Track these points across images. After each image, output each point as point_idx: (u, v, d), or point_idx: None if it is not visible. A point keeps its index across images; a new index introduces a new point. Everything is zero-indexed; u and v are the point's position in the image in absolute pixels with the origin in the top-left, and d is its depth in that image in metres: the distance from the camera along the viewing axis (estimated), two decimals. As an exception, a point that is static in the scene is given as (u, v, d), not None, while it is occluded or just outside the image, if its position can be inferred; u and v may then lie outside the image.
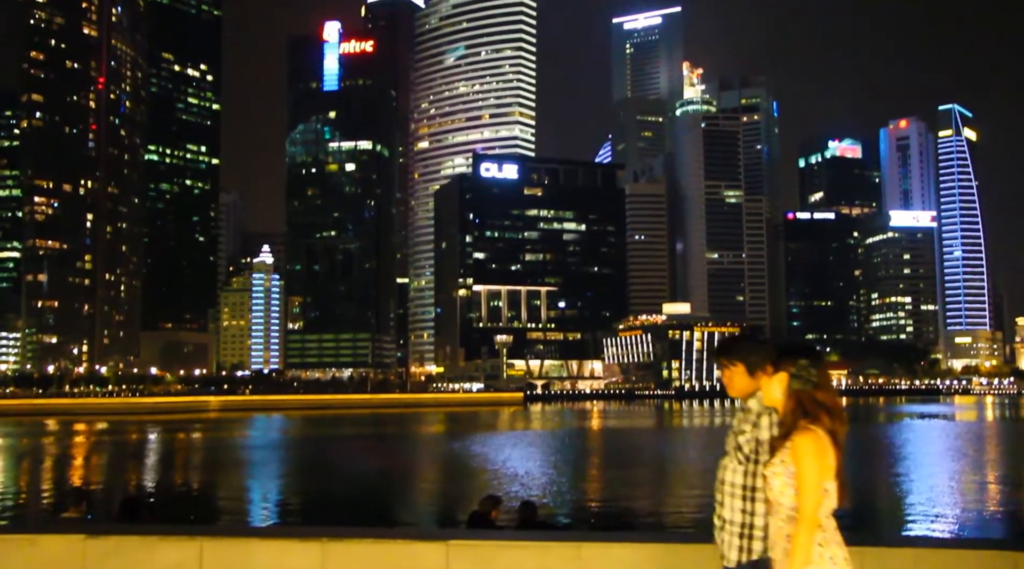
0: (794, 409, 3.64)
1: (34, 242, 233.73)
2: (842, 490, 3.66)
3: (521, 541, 7.88)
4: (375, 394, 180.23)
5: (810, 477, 3.48)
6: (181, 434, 74.51)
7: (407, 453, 53.75)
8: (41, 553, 8.17)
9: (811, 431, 3.56)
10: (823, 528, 3.54)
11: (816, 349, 3.99)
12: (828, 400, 3.65)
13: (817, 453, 3.51)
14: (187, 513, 26.60)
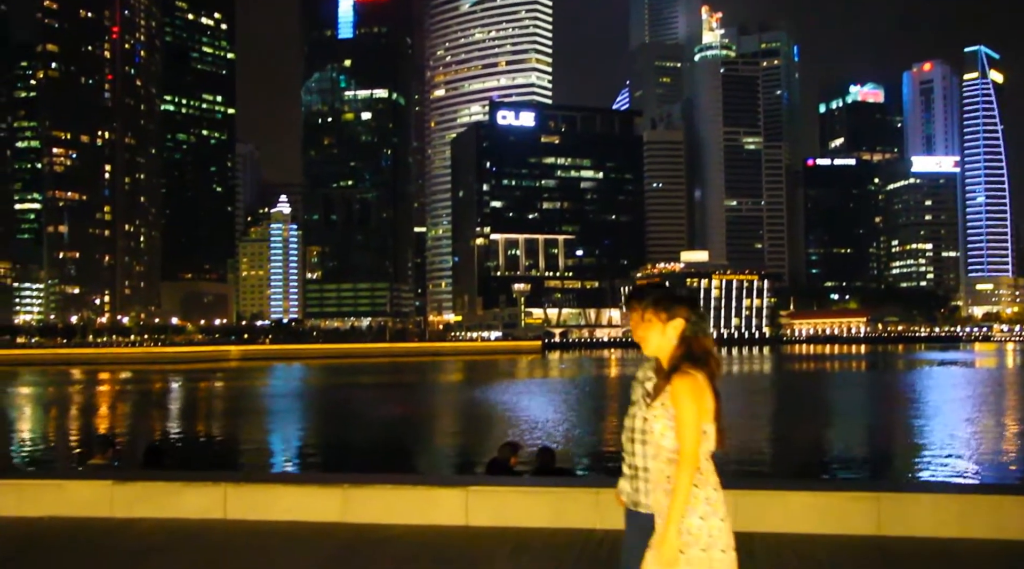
0: (683, 355, 3.72)
1: (54, 193, 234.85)
2: (720, 433, 3.72)
3: (539, 487, 7.97)
4: (394, 343, 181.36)
5: (689, 418, 3.57)
6: (203, 383, 75.41)
7: (426, 401, 54.21)
8: (70, 498, 8.34)
9: (689, 374, 3.65)
10: (701, 469, 3.60)
11: (695, 299, 4.10)
12: (712, 347, 3.78)
13: (695, 395, 3.60)
14: (210, 460, 27.03)
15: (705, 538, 3.60)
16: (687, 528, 3.60)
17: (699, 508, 3.61)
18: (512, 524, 7.59)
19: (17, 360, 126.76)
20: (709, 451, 3.69)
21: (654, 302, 3.84)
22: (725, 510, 3.66)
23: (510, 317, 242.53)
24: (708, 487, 3.63)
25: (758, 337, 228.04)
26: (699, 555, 3.57)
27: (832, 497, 7.56)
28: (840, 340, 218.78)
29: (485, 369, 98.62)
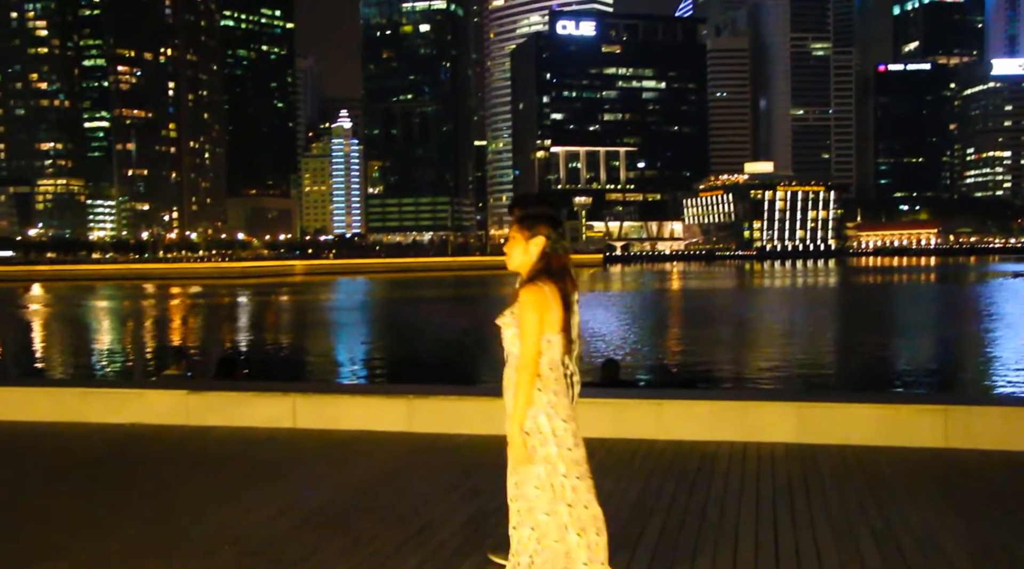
0: (540, 269, 3.88)
1: (121, 112, 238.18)
2: (568, 344, 3.89)
3: (601, 398, 8.03)
4: (455, 257, 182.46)
5: (528, 327, 3.76)
6: (269, 297, 77.10)
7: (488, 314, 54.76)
8: (149, 406, 8.67)
9: (536, 286, 3.82)
10: (543, 376, 3.80)
11: (557, 217, 4.16)
12: (569, 264, 3.97)
13: (539, 306, 3.77)
14: (279, 371, 27.79)
15: (551, 436, 3.81)
16: (536, 427, 3.81)
17: (542, 409, 3.81)
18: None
19: (94, 275, 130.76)
20: (554, 359, 3.85)
21: (518, 221, 3.99)
22: (568, 413, 3.86)
23: (571, 230, 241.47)
24: (549, 392, 3.81)
25: (823, 250, 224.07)
26: (553, 451, 3.81)
27: (898, 409, 7.49)
28: (909, 252, 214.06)
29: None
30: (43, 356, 35.68)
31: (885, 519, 5.33)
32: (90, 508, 5.85)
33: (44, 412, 8.98)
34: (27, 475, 6.90)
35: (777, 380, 23.56)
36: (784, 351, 30.74)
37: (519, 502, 3.86)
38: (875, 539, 4.97)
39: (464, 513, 5.58)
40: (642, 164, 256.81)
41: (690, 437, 7.55)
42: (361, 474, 6.68)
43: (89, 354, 35.38)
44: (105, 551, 4.98)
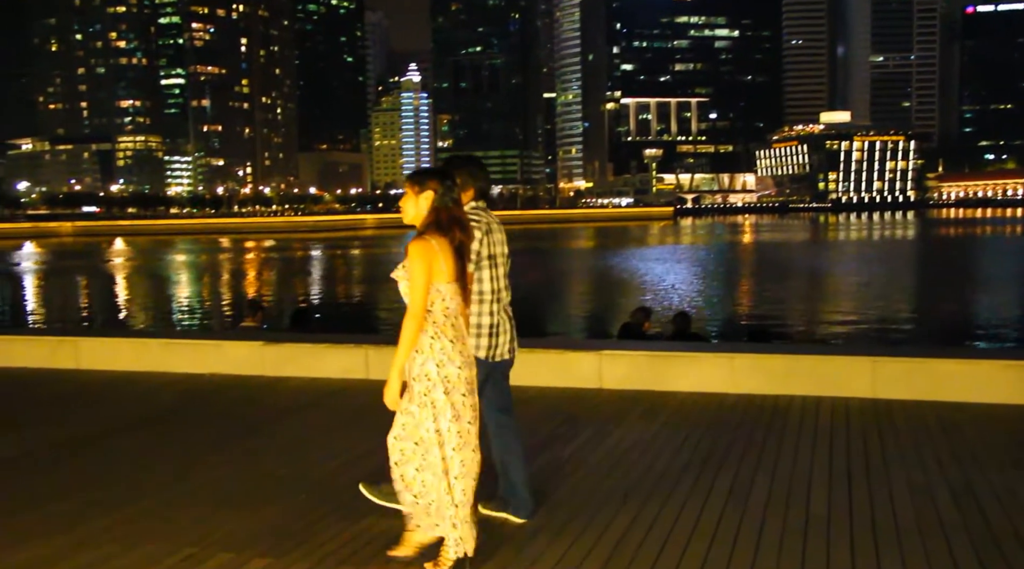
0: (430, 223, 4.03)
1: (195, 68, 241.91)
2: (462, 294, 4.08)
3: (673, 351, 7.97)
4: (524, 210, 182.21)
5: (415, 277, 3.90)
6: (341, 250, 78.18)
7: (557, 268, 54.68)
8: (227, 356, 8.90)
9: (424, 239, 3.96)
10: (438, 324, 3.94)
11: (461, 170, 4.48)
12: (460, 215, 4.10)
13: (424, 257, 3.91)
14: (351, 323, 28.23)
15: (442, 383, 3.94)
16: (426, 373, 3.94)
17: (435, 356, 3.93)
18: (645, 387, 7.68)
19: (172, 230, 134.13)
20: (449, 308, 4.00)
21: (408, 176, 4.19)
22: (463, 360, 4.00)
23: (641, 183, 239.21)
24: (444, 339, 3.94)
25: (902, 201, 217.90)
26: (442, 398, 3.94)
27: (979, 365, 7.29)
28: (995, 203, 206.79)
29: (616, 236, 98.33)
30: (127, 308, 36.88)
31: (965, 478, 5.21)
32: (172, 454, 6.05)
33: (129, 362, 9.28)
34: (114, 422, 7.17)
35: (852, 334, 23.13)
36: (859, 305, 30.12)
37: (404, 442, 4.02)
38: (954, 497, 4.87)
39: (534, 464, 5.62)
40: (714, 115, 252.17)
41: (762, 391, 7.47)
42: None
43: (170, 306, 36.43)
44: (186, 494, 5.16)
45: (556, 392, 7.69)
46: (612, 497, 4.95)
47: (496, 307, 4.63)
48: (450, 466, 3.96)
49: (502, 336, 4.71)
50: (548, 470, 5.48)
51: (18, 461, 6.08)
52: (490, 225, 4.60)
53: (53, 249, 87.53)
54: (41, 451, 6.31)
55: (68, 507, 5.00)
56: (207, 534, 4.46)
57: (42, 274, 56.27)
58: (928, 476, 5.24)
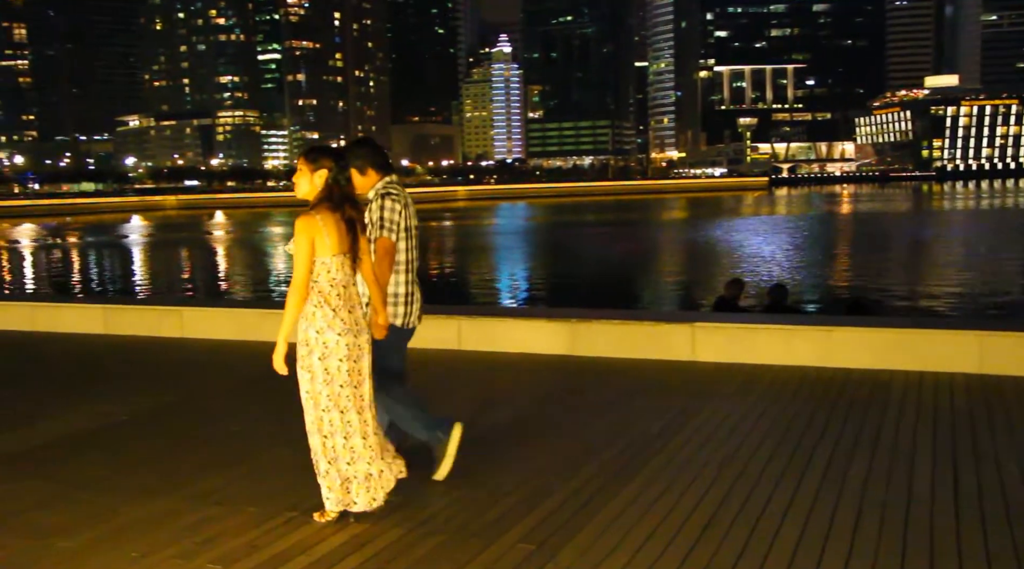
0: (321, 198, 4.24)
1: (291, 43, 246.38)
2: (352, 265, 4.29)
3: (768, 324, 7.82)
4: (616, 181, 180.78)
5: (299, 251, 4.15)
6: (433, 222, 78.92)
7: (649, 239, 54.19)
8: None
9: (307, 215, 4.18)
10: (324, 293, 4.18)
11: (352, 151, 4.78)
12: (351, 193, 4.33)
13: (307, 232, 4.14)
14: (443, 295, 28.53)
15: (320, 348, 4.20)
16: (306, 339, 4.21)
17: (316, 323, 4.18)
18: (739, 360, 7.56)
19: (268, 202, 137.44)
20: (335, 279, 4.21)
21: (304, 153, 4.37)
22: (343, 327, 4.21)
23: (735, 152, 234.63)
24: (327, 307, 4.18)
25: (1014, 169, 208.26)
26: (317, 363, 4.20)
27: (1097, 341, 6.94)
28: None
29: (709, 206, 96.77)
30: (226, 279, 38.05)
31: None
32: (271, 419, 6.23)
33: (228, 331, 9.58)
34: (217, 388, 7.42)
35: (957, 308, 22.31)
36: (966, 278, 29.00)
37: (307, 411, 4.31)
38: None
39: (626, 436, 5.60)
40: (811, 81, 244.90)
41: (861, 365, 7.27)
42: (524, 396, 6.81)
43: (266, 277, 37.44)
44: (280, 459, 5.30)
45: (648, 364, 7.64)
46: (705, 471, 4.89)
47: (410, 276, 4.90)
48: (322, 426, 4.25)
49: (414, 304, 4.96)
50: (639, 443, 5.45)
51: (134, 422, 6.35)
52: (407, 200, 4.85)
53: (158, 222, 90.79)
54: (153, 414, 6.57)
55: (173, 467, 5.20)
56: (304, 499, 4.58)
57: (149, 246, 58.46)
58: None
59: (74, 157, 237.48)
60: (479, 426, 5.94)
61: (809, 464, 4.97)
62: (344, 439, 4.28)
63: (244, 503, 4.57)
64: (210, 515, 4.42)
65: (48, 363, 8.82)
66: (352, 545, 3.99)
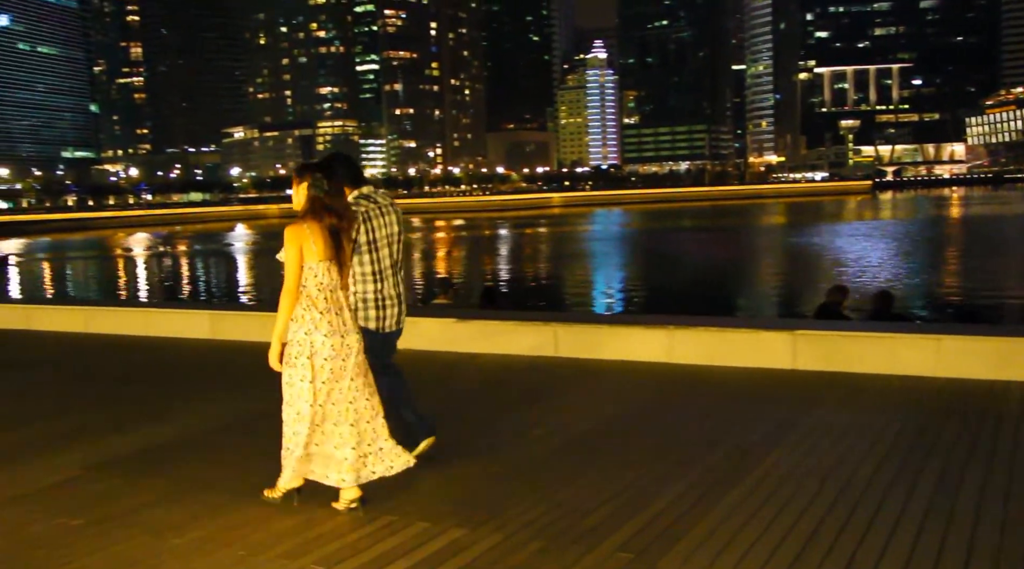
0: (306, 209, 4.55)
1: (388, 54, 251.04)
2: (339, 270, 4.59)
3: (873, 332, 7.58)
4: (713, 186, 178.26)
5: (288, 258, 4.50)
6: (528, 229, 79.21)
7: (748, 245, 53.25)
8: (422, 332, 9.21)
9: (294, 224, 4.52)
10: (312, 297, 4.51)
11: (330, 165, 4.95)
12: (335, 204, 4.59)
13: (294, 240, 4.48)
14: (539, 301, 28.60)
15: (308, 348, 4.50)
16: (295, 340, 4.53)
17: (304, 326, 4.50)
18: (842, 369, 7.35)
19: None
20: (321, 283, 4.52)
21: (295, 169, 4.68)
22: (330, 329, 4.51)
23: (836, 156, 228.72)
24: (314, 310, 4.50)
25: None
26: (304, 360, 4.50)
27: None
28: None
29: (809, 211, 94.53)
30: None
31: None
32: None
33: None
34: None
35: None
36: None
37: (290, 404, 4.59)
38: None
39: (725, 445, 5.50)
40: (918, 81, 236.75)
41: (973, 375, 6.98)
42: (621, 403, 6.77)
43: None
44: (387, 465, 5.39)
45: (746, 372, 7.50)
46: (807, 482, 4.77)
47: (380, 284, 5.17)
48: (297, 419, 4.56)
49: (389, 310, 5.23)
50: (739, 452, 5.35)
51: (241, 425, 6.56)
52: (368, 213, 5.12)
53: (261, 230, 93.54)
54: (259, 416, 6.76)
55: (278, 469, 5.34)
56: (405, 503, 4.65)
57: (252, 254, 60.29)
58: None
59: (183, 168, 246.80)
60: (576, 432, 5.93)
61: (919, 478, 4.80)
62: (352, 426, 4.58)
63: (346, 505, 4.66)
64: (313, 517, 4.53)
65: (160, 367, 9.18)
66: (451, 550, 4.03)
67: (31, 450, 6.00)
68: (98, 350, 10.26)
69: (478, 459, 5.42)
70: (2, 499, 5.02)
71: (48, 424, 6.76)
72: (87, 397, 7.73)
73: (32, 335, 11.60)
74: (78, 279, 49.85)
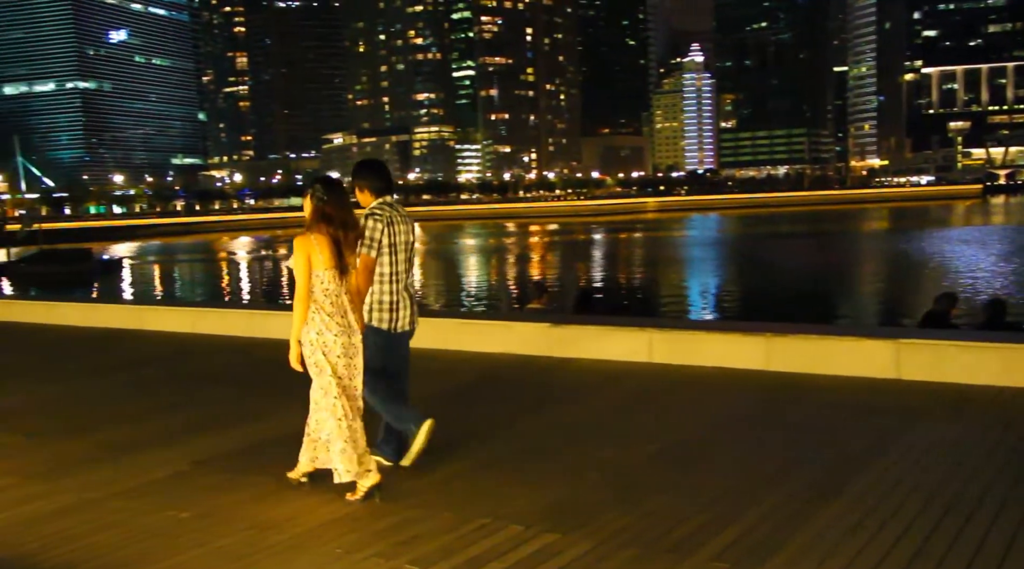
0: (312, 220, 4.94)
1: (484, 59, 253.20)
2: (341, 277, 4.96)
3: (984, 342, 7.29)
4: (812, 191, 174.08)
5: (297, 265, 4.88)
6: (623, 234, 78.76)
7: (849, 251, 51.84)
8: (515, 336, 9.27)
9: (302, 235, 4.91)
10: (319, 301, 4.90)
11: (333, 179, 5.19)
12: (336, 214, 4.92)
13: (302, 250, 4.88)
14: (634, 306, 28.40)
15: (320, 346, 4.92)
16: (309, 340, 4.93)
17: (316, 326, 4.91)
18: (950, 380, 7.09)
19: (462, 215, 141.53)
20: (328, 289, 4.91)
21: (309, 184, 5.02)
22: (339, 328, 4.93)
23: (944, 159, 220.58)
24: (323, 313, 4.89)
25: None
26: (321, 357, 4.92)
27: None
28: None
29: (915, 216, 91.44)
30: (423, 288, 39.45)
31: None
32: (468, 427, 6.40)
33: (428, 340, 9.90)
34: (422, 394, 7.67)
35: None
36: None
37: (319, 401, 4.98)
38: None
39: (824, 456, 5.37)
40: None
41: (1093, 390, 6.64)
42: (718, 411, 6.67)
43: (461, 288, 38.54)
44: (480, 466, 5.44)
45: (848, 381, 7.30)
46: (912, 497, 4.61)
47: (395, 287, 5.44)
48: (336, 411, 4.91)
49: (402, 311, 5.51)
50: (839, 463, 5.21)
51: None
52: (391, 218, 5.36)
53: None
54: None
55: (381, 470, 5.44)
56: (498, 506, 4.67)
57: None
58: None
59: (285, 174, 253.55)
60: (670, 439, 5.87)
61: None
62: (352, 421, 4.94)
63: (441, 507, 4.71)
64: (408, 517, 4.59)
65: (263, 367, 9.45)
66: (544, 554, 4.04)
67: (144, 445, 6.27)
68: (204, 350, 10.63)
69: (570, 464, 5.42)
70: (118, 490, 5.26)
71: (158, 420, 7.05)
72: (194, 395, 8.02)
73: (143, 335, 12.09)
74: (185, 281, 51.75)
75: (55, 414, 7.44)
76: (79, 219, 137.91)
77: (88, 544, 4.42)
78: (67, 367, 9.96)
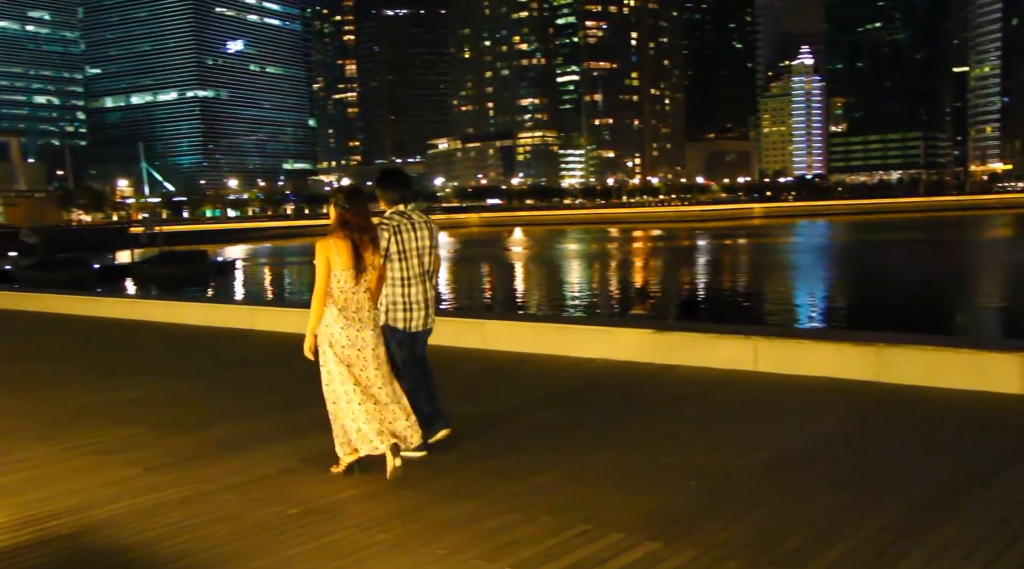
0: (335, 225, 5.44)
1: (588, 64, 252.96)
2: (357, 277, 5.39)
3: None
4: (928, 197, 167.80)
5: (317, 266, 5.37)
6: (728, 240, 77.41)
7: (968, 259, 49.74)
8: (617, 343, 9.22)
9: (322, 239, 5.40)
10: (334, 297, 5.37)
11: (355, 188, 5.68)
12: (355, 221, 5.42)
13: (322, 253, 5.35)
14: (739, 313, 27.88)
15: (328, 338, 5.40)
16: (331, 334, 5.38)
17: (327, 319, 5.39)
18: (1080, 397, 6.73)
19: (565, 220, 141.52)
20: (344, 287, 5.37)
21: (332, 191, 5.34)
22: (346, 322, 5.37)
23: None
24: (334, 308, 5.37)
25: None
26: (328, 348, 5.39)
27: None
28: None
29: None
30: (525, 293, 39.62)
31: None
32: (571, 432, 6.40)
33: (528, 344, 9.97)
34: (521, 399, 7.73)
35: None
36: None
37: (328, 385, 5.46)
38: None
39: (940, 473, 5.16)
40: None
41: None
42: (825, 422, 6.50)
43: (563, 293, 38.53)
44: (581, 472, 5.43)
45: (965, 395, 7.00)
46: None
47: (408, 290, 5.88)
48: (338, 395, 5.41)
49: (415, 312, 5.92)
50: (956, 481, 5.01)
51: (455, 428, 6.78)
52: (399, 226, 5.83)
53: (463, 238, 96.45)
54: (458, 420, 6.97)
55: (476, 473, 5.49)
56: (599, 513, 4.66)
57: (453, 261, 62.26)
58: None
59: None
60: (775, 450, 5.75)
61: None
62: (374, 405, 5.37)
63: (540, 512, 4.72)
64: (508, 521, 4.62)
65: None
66: (645, 562, 4.01)
67: (255, 441, 6.49)
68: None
69: (672, 473, 5.36)
70: (231, 484, 5.46)
71: (269, 418, 7.28)
72: (301, 395, 8.24)
73: (254, 334, 12.51)
74: (294, 283, 53.26)
75: (174, 409, 7.77)
76: (196, 222, 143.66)
77: (202, 535, 4.60)
78: (186, 365, 10.38)
